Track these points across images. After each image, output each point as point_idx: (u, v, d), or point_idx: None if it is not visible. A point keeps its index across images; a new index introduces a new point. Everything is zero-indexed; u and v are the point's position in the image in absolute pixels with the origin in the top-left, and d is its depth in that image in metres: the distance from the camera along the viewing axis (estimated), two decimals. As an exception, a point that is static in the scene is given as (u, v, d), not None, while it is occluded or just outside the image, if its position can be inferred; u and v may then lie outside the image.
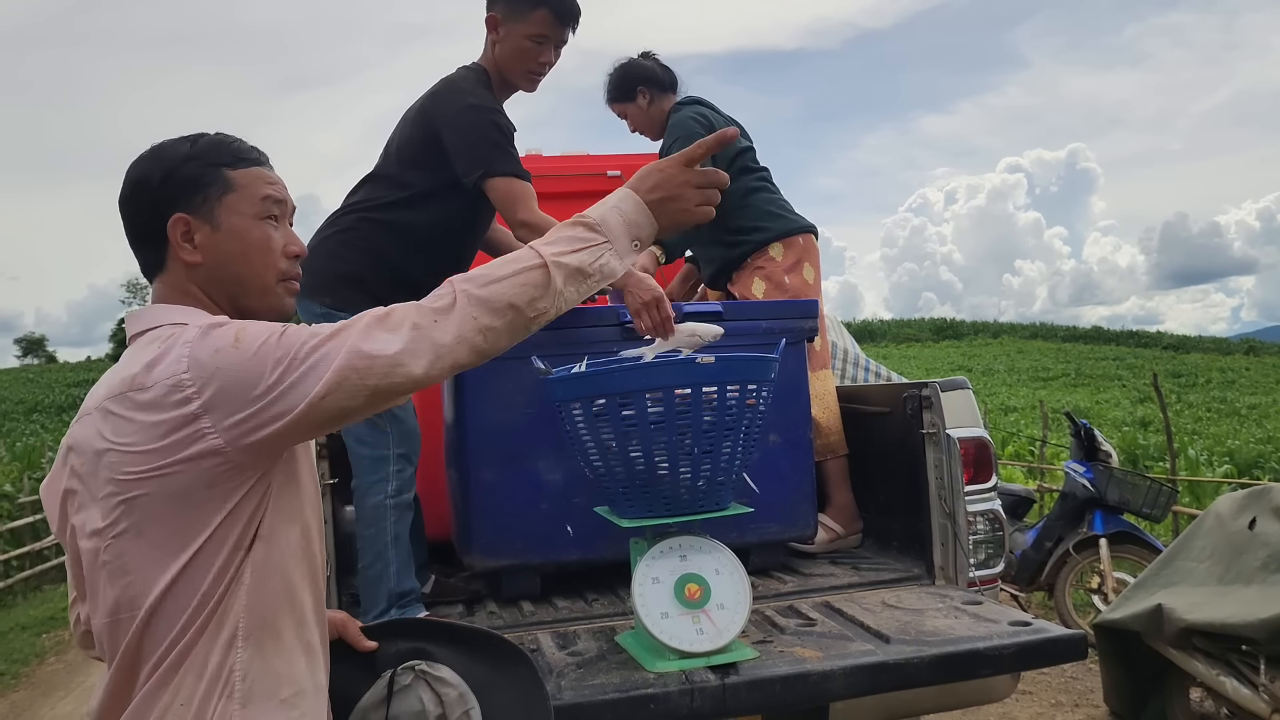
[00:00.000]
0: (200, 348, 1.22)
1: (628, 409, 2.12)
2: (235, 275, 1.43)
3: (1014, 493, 6.59)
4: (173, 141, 1.43)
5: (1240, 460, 16.44)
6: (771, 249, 3.29)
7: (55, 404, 41.46)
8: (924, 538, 2.81)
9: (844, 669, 2.10)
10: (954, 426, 2.75)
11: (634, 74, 3.51)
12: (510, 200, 2.55)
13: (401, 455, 2.55)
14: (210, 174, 1.41)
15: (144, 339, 1.33)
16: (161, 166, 1.39)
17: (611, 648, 2.29)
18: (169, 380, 1.20)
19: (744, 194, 3.35)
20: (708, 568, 2.17)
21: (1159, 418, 13.45)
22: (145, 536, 1.22)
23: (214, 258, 1.40)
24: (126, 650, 1.24)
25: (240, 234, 1.42)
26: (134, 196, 1.40)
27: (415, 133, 2.65)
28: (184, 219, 1.38)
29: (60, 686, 6.24)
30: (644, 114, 3.52)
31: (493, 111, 2.60)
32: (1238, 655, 3.52)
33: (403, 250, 2.63)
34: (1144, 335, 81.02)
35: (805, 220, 3.39)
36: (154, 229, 1.39)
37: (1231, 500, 4.07)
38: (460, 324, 1.26)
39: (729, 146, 3.31)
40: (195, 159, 1.41)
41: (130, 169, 1.41)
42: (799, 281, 3.28)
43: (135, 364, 1.26)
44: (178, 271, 1.40)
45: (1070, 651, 2.28)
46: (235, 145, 1.45)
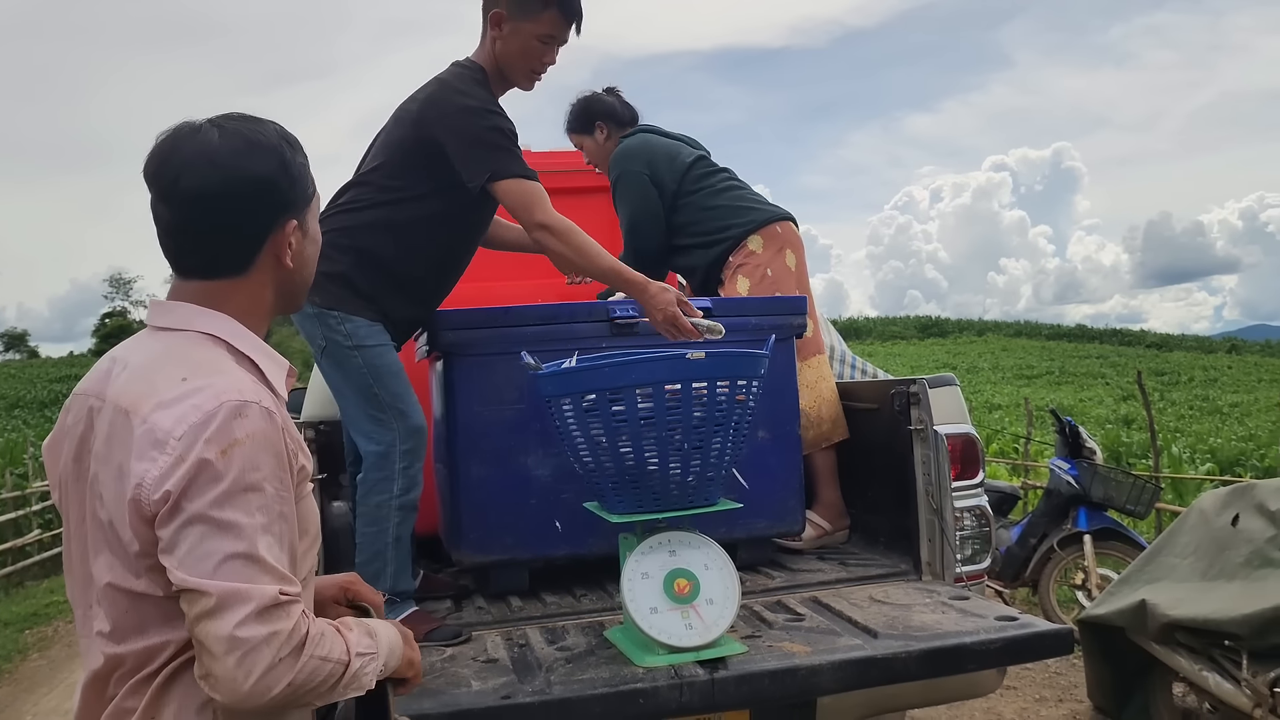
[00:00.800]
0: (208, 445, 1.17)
1: (617, 404, 2.12)
2: (305, 280, 1.44)
3: (999, 489, 6.62)
4: (267, 137, 1.35)
5: (1222, 458, 16.57)
6: (750, 242, 3.30)
7: (38, 399, 41.17)
8: (911, 533, 2.83)
9: (832, 664, 2.12)
10: (941, 423, 2.77)
11: (594, 108, 3.55)
12: (523, 203, 2.49)
13: (408, 451, 2.50)
14: (309, 176, 1.40)
15: (174, 340, 1.31)
16: (287, 169, 1.34)
17: (600, 643, 2.30)
18: (166, 428, 1.18)
19: (710, 197, 3.39)
20: (697, 563, 2.18)
21: (1142, 415, 13.54)
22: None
23: (300, 262, 1.40)
24: (109, 660, 1.24)
25: (317, 238, 1.44)
26: (258, 195, 1.32)
27: (409, 134, 2.57)
28: (297, 223, 1.37)
29: (44, 683, 6.20)
30: (599, 148, 3.56)
31: (492, 113, 2.53)
32: (1221, 650, 3.55)
33: (394, 251, 2.58)
34: (1127, 334, 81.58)
35: (779, 209, 3.41)
36: (264, 230, 1.34)
37: (1215, 497, 4.10)
38: (293, 672, 1.17)
39: (675, 166, 3.37)
40: (303, 163, 1.38)
41: (237, 162, 1.30)
42: (781, 269, 3.29)
43: (163, 377, 1.23)
44: (260, 275, 1.36)
45: (1056, 646, 2.29)
46: (306, 154, 1.42)
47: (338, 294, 2.51)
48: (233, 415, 1.20)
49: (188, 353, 1.29)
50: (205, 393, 1.21)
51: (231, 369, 1.28)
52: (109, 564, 1.24)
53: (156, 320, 1.35)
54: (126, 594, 1.23)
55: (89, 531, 1.27)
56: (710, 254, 3.35)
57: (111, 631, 1.24)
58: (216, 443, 1.18)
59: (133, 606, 1.23)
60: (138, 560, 1.21)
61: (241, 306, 1.36)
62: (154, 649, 1.23)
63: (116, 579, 1.23)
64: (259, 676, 1.14)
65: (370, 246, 2.57)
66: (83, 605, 1.31)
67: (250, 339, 1.36)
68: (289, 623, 1.17)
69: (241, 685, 1.14)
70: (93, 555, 1.26)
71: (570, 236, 2.48)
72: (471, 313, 2.72)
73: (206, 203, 1.30)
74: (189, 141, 1.32)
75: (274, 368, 1.37)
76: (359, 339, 2.51)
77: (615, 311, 2.78)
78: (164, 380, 1.23)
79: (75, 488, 1.31)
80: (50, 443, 1.38)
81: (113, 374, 1.30)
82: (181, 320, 1.33)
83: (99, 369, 1.34)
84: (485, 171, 2.48)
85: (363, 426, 2.52)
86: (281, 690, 1.16)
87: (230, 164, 1.30)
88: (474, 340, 2.66)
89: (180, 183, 1.30)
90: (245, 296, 1.36)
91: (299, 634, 1.18)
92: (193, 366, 1.25)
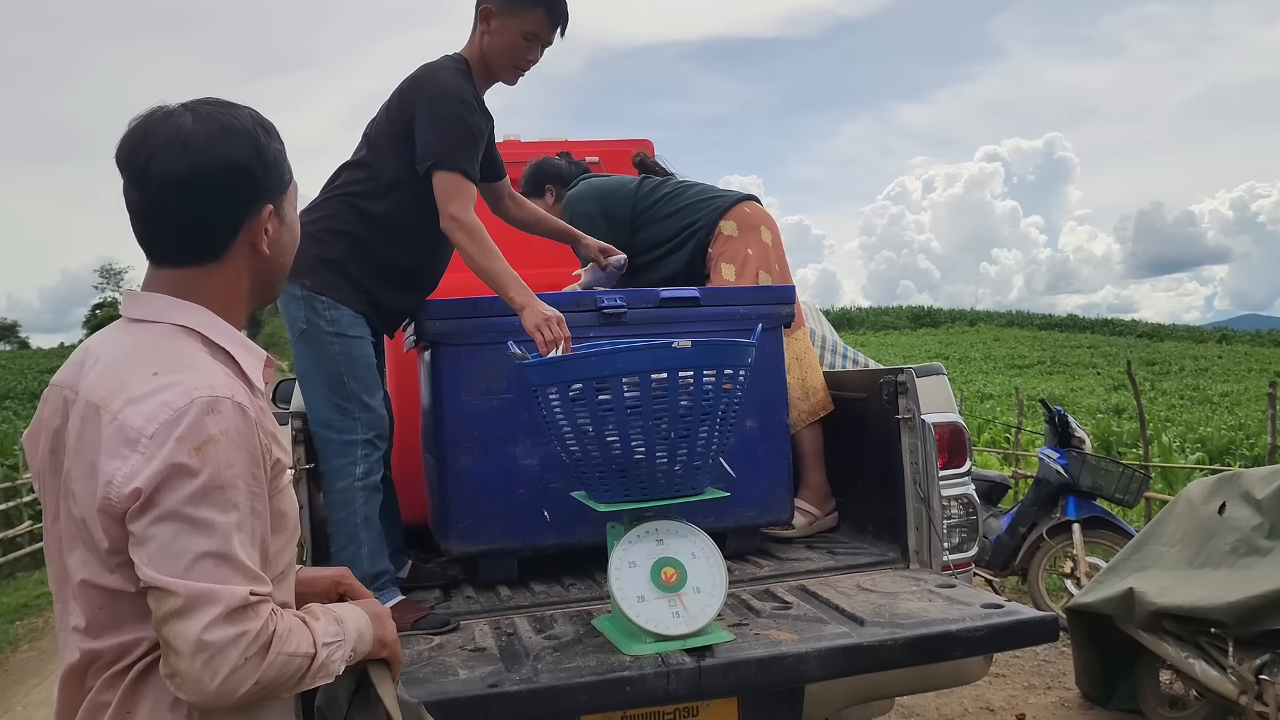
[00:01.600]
0: (180, 443, 1.16)
1: (604, 394, 2.12)
2: (282, 268, 1.42)
3: (989, 479, 6.64)
4: (241, 121, 1.32)
5: (1212, 447, 16.63)
6: (723, 228, 3.34)
7: (28, 390, 41.00)
8: (899, 522, 2.84)
9: (819, 651, 2.12)
10: (929, 412, 2.77)
11: (544, 172, 3.71)
12: (448, 194, 2.53)
13: (368, 440, 2.54)
14: (286, 162, 1.38)
15: (147, 333, 1.29)
16: (262, 155, 1.32)
17: (588, 631, 2.30)
18: (137, 426, 1.17)
19: (667, 204, 3.46)
20: (684, 552, 2.19)
21: (1133, 405, 13.57)
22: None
23: (276, 250, 1.38)
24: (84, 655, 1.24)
25: (294, 227, 1.42)
26: (231, 180, 1.30)
27: (395, 116, 2.62)
28: (272, 209, 1.35)
29: (34, 674, 6.19)
30: (550, 209, 3.62)
31: (464, 104, 2.58)
32: (1207, 638, 3.57)
33: (383, 239, 2.61)
34: (1119, 324, 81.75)
35: (739, 193, 3.48)
36: (238, 216, 1.32)
37: (1202, 486, 4.13)
38: (260, 670, 1.17)
39: (624, 193, 3.42)
40: (279, 149, 1.36)
41: (210, 147, 1.28)
42: (760, 247, 3.32)
43: (134, 372, 1.22)
44: (234, 263, 1.34)
45: (1042, 634, 2.31)
46: (282, 139, 1.40)
47: (330, 280, 2.52)
48: (205, 412, 1.18)
49: (160, 346, 1.27)
50: (176, 389, 1.19)
51: (204, 363, 1.26)
52: (83, 559, 1.23)
53: (131, 311, 1.33)
54: (100, 590, 1.22)
55: (63, 526, 1.26)
56: (683, 255, 3.39)
57: (87, 627, 1.23)
58: (189, 440, 1.16)
59: (107, 603, 1.22)
60: (109, 557, 1.20)
61: (217, 296, 1.34)
62: (129, 645, 1.22)
63: (90, 575, 1.22)
64: (224, 677, 1.13)
65: (364, 234, 2.61)
66: (60, 600, 1.30)
67: (225, 330, 1.34)
68: (257, 623, 1.16)
69: (208, 686, 1.13)
70: (67, 550, 1.25)
71: (475, 235, 2.52)
72: (458, 302, 2.72)
73: (178, 188, 1.27)
74: (161, 126, 1.29)
75: (250, 359, 1.35)
76: (341, 327, 2.53)
77: (603, 301, 2.77)
78: (135, 375, 1.21)
79: (51, 481, 1.29)
80: (29, 434, 1.37)
81: (85, 365, 1.28)
82: (155, 312, 1.31)
83: (74, 360, 1.32)
84: (431, 157, 2.53)
85: (325, 415, 2.53)
86: (248, 689, 1.16)
87: (203, 148, 1.28)
88: (461, 330, 2.66)
89: (151, 167, 1.27)
90: (220, 285, 1.34)
91: (266, 633, 1.17)
92: (164, 361, 1.23)
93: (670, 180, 3.58)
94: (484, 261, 2.52)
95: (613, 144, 4.45)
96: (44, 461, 1.31)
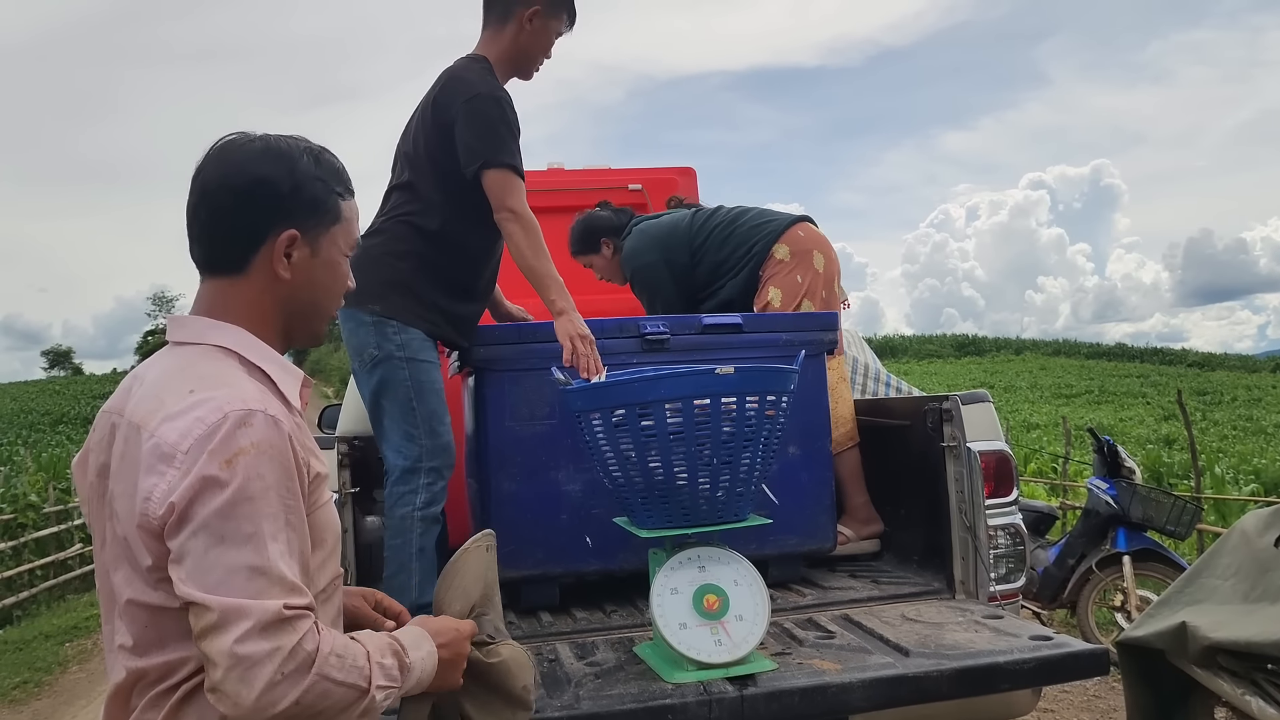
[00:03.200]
0: (212, 456, 1.19)
1: (646, 419, 2.12)
2: (313, 301, 1.44)
3: (1036, 509, 6.53)
4: (291, 146, 1.39)
5: (1266, 479, 16.22)
6: (776, 251, 3.33)
7: (81, 416, 41.86)
8: (944, 551, 2.80)
9: (863, 681, 2.10)
10: (974, 439, 2.75)
11: (595, 227, 3.66)
12: (502, 189, 2.58)
13: (433, 469, 2.56)
14: (330, 200, 1.42)
15: (186, 354, 1.33)
16: (292, 176, 1.37)
17: (630, 658, 2.29)
18: (173, 442, 1.20)
19: (723, 231, 3.44)
20: (726, 579, 2.17)
21: (1183, 435, 13.30)
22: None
23: (303, 280, 1.40)
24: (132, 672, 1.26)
25: (332, 266, 1.44)
26: (251, 193, 1.35)
27: (429, 127, 2.67)
28: (295, 235, 1.38)
29: (82, 695, 6.28)
30: (609, 264, 3.65)
31: (502, 102, 2.64)
32: (1263, 674, 3.47)
33: (446, 251, 2.67)
34: (1168, 353, 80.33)
35: (793, 214, 3.45)
36: (257, 231, 1.36)
37: (1257, 518, 4.02)
38: (298, 691, 1.17)
39: (679, 233, 3.43)
40: (322, 180, 1.40)
41: (244, 161, 1.36)
42: (810, 274, 3.30)
43: (171, 391, 1.25)
44: (258, 280, 1.38)
45: (1092, 667, 2.26)
46: (345, 173, 1.45)
47: (399, 303, 2.56)
48: (237, 425, 1.21)
49: (197, 366, 1.31)
50: (209, 404, 1.22)
51: (239, 380, 1.29)
52: (127, 578, 1.25)
53: (173, 335, 1.38)
54: (144, 608, 1.24)
55: (108, 547, 1.29)
56: (740, 280, 3.38)
57: (133, 645, 1.25)
58: (221, 453, 1.19)
59: (151, 621, 1.24)
60: (151, 574, 1.22)
61: (246, 313, 1.38)
62: (174, 664, 1.24)
63: (135, 594, 1.25)
64: (260, 692, 1.14)
65: (427, 251, 2.65)
66: (107, 620, 1.33)
67: (261, 349, 1.38)
68: (293, 638, 1.17)
69: (244, 700, 1.14)
70: (112, 570, 1.28)
71: (531, 230, 2.58)
72: (503, 328, 2.74)
73: (212, 194, 1.36)
74: (223, 145, 1.39)
75: (287, 378, 1.39)
76: (412, 351, 2.57)
77: (645, 327, 2.78)
78: (172, 394, 1.25)
79: (98, 505, 1.33)
80: (78, 460, 1.41)
81: (132, 390, 1.33)
82: (195, 334, 1.36)
83: (123, 386, 1.36)
84: (479, 157, 2.58)
85: (393, 440, 2.56)
86: (286, 707, 1.16)
87: (239, 161, 1.36)
88: (505, 356, 2.68)
89: (198, 176, 1.37)
90: (245, 302, 1.38)
91: (304, 650, 1.17)
92: (200, 379, 1.27)
93: (721, 210, 3.56)
94: (533, 258, 2.57)
95: (656, 171, 4.48)
96: (92, 486, 1.35)
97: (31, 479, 13.09)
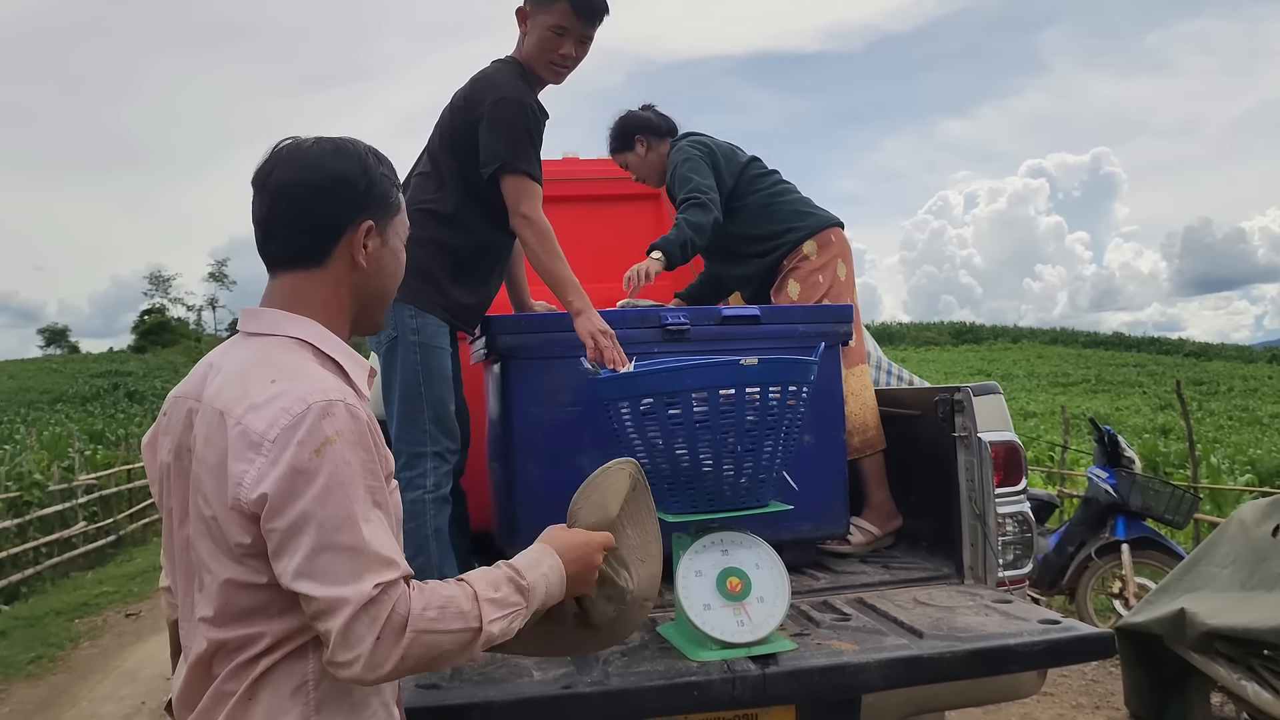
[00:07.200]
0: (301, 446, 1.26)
1: (674, 408, 2.20)
2: (382, 289, 1.53)
3: (1036, 497, 6.61)
4: (356, 145, 1.49)
5: (1262, 469, 16.33)
6: (805, 247, 3.36)
7: (79, 394, 41.88)
8: (954, 538, 2.89)
9: (880, 661, 2.18)
10: (985, 430, 2.82)
11: (631, 124, 3.63)
12: (518, 194, 2.65)
13: (437, 453, 2.63)
14: (394, 193, 1.52)
15: (263, 345, 1.41)
16: (366, 172, 1.46)
17: (654, 638, 2.38)
18: (260, 430, 1.28)
19: (765, 201, 3.44)
20: (748, 562, 2.26)
21: (1180, 425, 13.40)
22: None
23: (376, 268, 1.49)
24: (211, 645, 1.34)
25: (397, 254, 1.54)
26: (332, 190, 1.44)
27: (458, 123, 2.74)
28: (371, 226, 1.47)
29: (97, 670, 6.37)
30: (643, 161, 3.63)
31: (528, 109, 2.69)
32: (1260, 660, 3.57)
33: (461, 238, 2.75)
34: (1165, 342, 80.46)
35: (831, 215, 3.47)
36: (336, 225, 1.45)
37: (1255, 507, 4.12)
38: (399, 650, 1.27)
39: (735, 163, 3.43)
40: (386, 175, 1.50)
41: (320, 160, 1.44)
42: (832, 278, 3.34)
43: (253, 381, 1.33)
44: (335, 271, 1.46)
45: (1099, 650, 2.35)
46: (395, 172, 1.55)
47: (415, 288, 2.62)
48: (321, 415, 1.29)
49: (276, 356, 1.38)
50: (292, 395, 1.30)
51: (316, 371, 1.38)
52: (211, 553, 1.33)
53: (247, 326, 1.46)
54: (227, 583, 1.32)
55: (191, 524, 1.36)
56: (766, 262, 3.41)
57: (214, 617, 1.33)
58: (309, 444, 1.27)
59: (233, 595, 1.32)
60: (236, 550, 1.30)
61: (321, 304, 1.45)
62: (253, 636, 1.32)
63: (219, 568, 1.32)
64: (366, 658, 1.24)
65: (444, 237, 2.73)
66: (186, 592, 1.41)
67: (334, 341, 1.46)
68: (386, 609, 1.26)
69: (355, 668, 1.25)
70: (196, 545, 1.36)
71: (545, 235, 2.65)
72: (529, 318, 2.81)
73: (289, 191, 1.43)
74: (288, 148, 1.47)
75: (357, 368, 1.47)
76: (426, 336, 2.64)
77: (667, 318, 2.86)
78: (255, 383, 1.32)
79: (177, 484, 1.40)
80: (148, 440, 1.50)
81: (208, 378, 1.40)
82: (270, 325, 1.43)
83: (196, 373, 1.44)
84: (498, 160, 2.64)
85: (400, 424, 2.63)
86: (394, 665, 1.26)
87: (315, 161, 1.44)
88: (531, 344, 2.76)
89: (272, 177, 1.44)
90: (323, 294, 1.46)
91: (398, 615, 1.27)
92: (280, 369, 1.35)
93: (774, 175, 3.54)
94: (548, 262, 2.63)
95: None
96: (165, 467, 1.43)
97: (35, 457, 13.15)
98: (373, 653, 1.25)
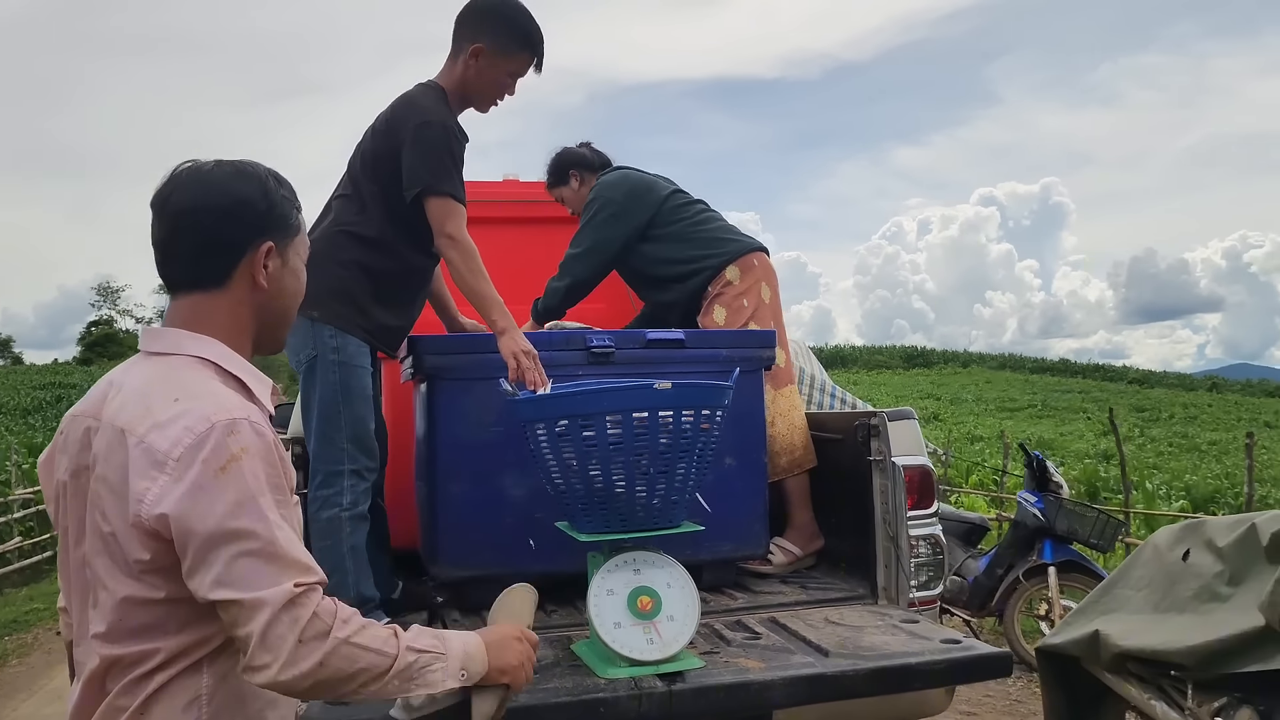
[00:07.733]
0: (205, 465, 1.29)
1: (588, 430, 2.25)
2: (283, 309, 1.57)
3: (969, 520, 6.77)
4: (256, 168, 1.52)
5: (1196, 495, 16.74)
6: (727, 272, 3.42)
7: (20, 406, 40.86)
8: (869, 559, 2.96)
9: (784, 679, 2.24)
10: (899, 454, 2.91)
11: (566, 160, 3.76)
12: (442, 215, 2.69)
13: (355, 471, 2.65)
14: (294, 215, 1.56)
15: (165, 364, 1.43)
16: (265, 194, 1.49)
17: (566, 655, 2.42)
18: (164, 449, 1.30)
19: (687, 229, 3.51)
20: (660, 581, 2.30)
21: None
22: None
23: (276, 289, 1.52)
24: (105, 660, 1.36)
25: (298, 274, 1.58)
26: (232, 212, 1.46)
27: (381, 145, 2.78)
28: (271, 247, 1.50)
29: (23, 689, 6.25)
30: (576, 195, 3.72)
31: (451, 132, 2.74)
32: (1168, 680, 3.67)
33: (383, 260, 2.77)
34: (1110, 369, 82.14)
35: (753, 240, 3.54)
36: (236, 246, 1.47)
37: (1169, 532, 4.23)
38: (319, 655, 1.30)
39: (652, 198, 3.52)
40: (286, 198, 1.54)
41: (221, 183, 1.47)
42: (756, 302, 3.41)
43: (156, 399, 1.35)
44: (238, 291, 1.49)
45: (997, 668, 2.43)
46: (296, 194, 1.58)
47: (337, 310, 2.66)
48: (226, 432, 1.32)
49: (178, 375, 1.41)
50: (196, 413, 1.32)
51: (219, 390, 1.41)
52: (107, 570, 1.35)
53: (148, 345, 1.48)
54: (124, 600, 1.34)
55: (88, 541, 1.38)
56: (689, 287, 3.45)
57: (107, 633, 1.35)
58: (214, 461, 1.30)
59: (129, 612, 1.34)
60: (135, 566, 1.32)
61: (224, 325, 1.48)
62: (147, 653, 1.34)
63: (115, 585, 1.34)
64: (285, 657, 1.27)
65: (366, 259, 2.76)
66: (81, 609, 1.42)
67: (236, 360, 1.49)
68: (308, 609, 1.30)
69: (272, 667, 1.28)
70: (93, 563, 1.37)
71: (469, 255, 2.69)
72: (455, 338, 2.84)
73: (190, 216, 1.46)
74: (187, 171, 1.50)
75: (260, 385, 1.51)
76: (346, 356, 2.67)
77: (592, 341, 2.91)
78: (158, 402, 1.35)
79: (74, 503, 1.42)
80: (45, 459, 1.52)
81: (108, 396, 1.42)
82: (171, 345, 1.46)
83: (96, 391, 1.46)
84: (421, 183, 2.68)
85: (318, 442, 2.65)
86: (310, 668, 1.29)
87: (216, 184, 1.48)
88: (456, 365, 2.79)
89: (171, 200, 1.47)
90: (225, 314, 1.49)
91: (322, 620, 1.31)
92: (183, 388, 1.38)
93: (698, 205, 3.61)
94: (472, 281, 2.68)
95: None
96: (62, 485, 1.45)
97: (-31, 471, 12.87)
98: (293, 653, 1.28)
